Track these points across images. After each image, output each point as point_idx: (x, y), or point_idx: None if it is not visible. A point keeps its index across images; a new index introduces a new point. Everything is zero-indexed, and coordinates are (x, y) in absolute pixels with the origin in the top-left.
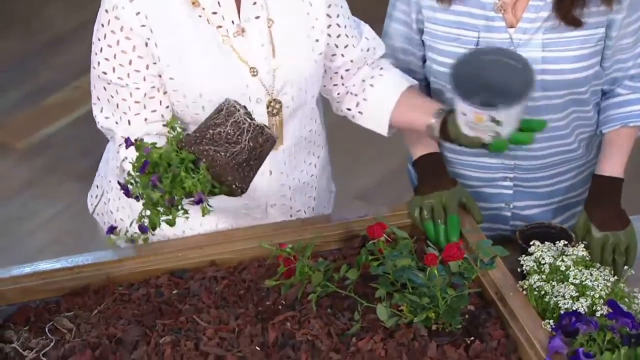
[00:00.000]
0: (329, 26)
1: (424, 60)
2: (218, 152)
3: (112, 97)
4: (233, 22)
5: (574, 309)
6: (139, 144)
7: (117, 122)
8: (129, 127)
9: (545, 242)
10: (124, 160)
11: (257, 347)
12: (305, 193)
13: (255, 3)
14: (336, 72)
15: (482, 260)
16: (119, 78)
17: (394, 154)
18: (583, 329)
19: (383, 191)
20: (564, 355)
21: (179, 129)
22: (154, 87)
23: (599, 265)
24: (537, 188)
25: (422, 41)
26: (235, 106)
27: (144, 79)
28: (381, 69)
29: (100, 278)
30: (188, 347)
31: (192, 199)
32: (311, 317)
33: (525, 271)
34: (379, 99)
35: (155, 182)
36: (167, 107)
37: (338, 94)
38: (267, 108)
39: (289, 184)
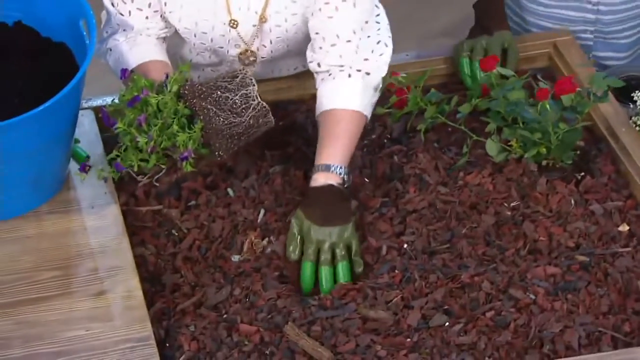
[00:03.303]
0: None
1: None
2: (218, 115)
3: None
4: None
5: None
6: (136, 78)
7: (115, 5)
8: (126, 18)
9: None
10: (109, 49)
11: (365, 179)
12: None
13: None
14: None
15: (595, 94)
16: None
17: None
18: None
19: (469, 27)
20: None
21: (185, 75)
22: None
23: None
24: (619, 39)
25: None
26: (251, 79)
27: None
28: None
29: None
30: (297, 175)
31: (179, 153)
32: (418, 151)
33: (638, 107)
34: None
35: (141, 123)
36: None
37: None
38: (240, 55)
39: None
